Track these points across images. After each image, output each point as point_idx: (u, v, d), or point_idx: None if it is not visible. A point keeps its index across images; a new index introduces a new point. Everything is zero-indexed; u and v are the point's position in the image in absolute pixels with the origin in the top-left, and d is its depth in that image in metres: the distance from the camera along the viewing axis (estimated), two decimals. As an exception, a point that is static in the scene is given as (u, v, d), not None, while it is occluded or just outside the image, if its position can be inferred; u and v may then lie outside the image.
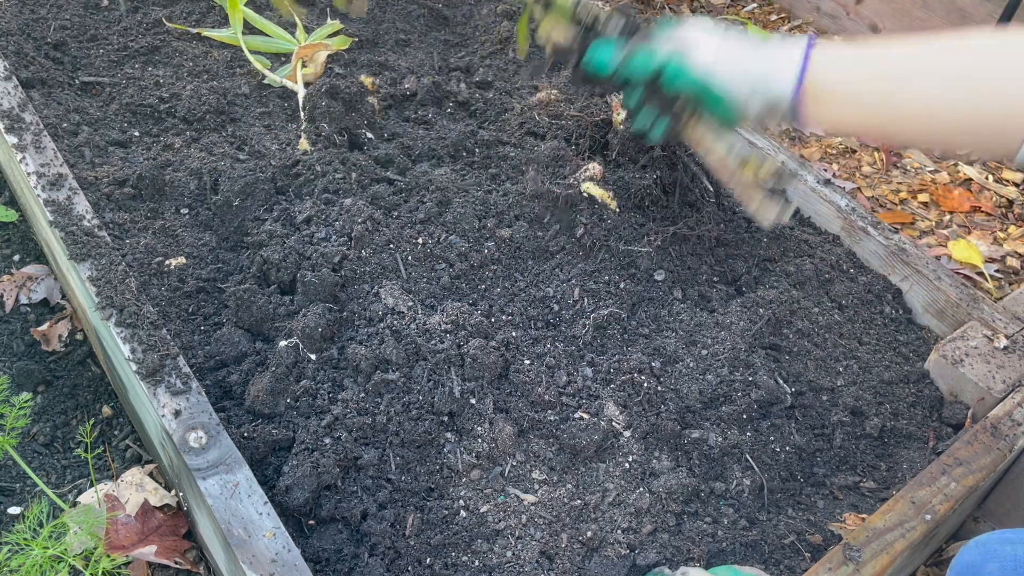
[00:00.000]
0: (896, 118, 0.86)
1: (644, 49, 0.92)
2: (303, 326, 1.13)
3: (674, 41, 0.92)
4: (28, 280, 1.40)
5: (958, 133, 0.83)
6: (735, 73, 0.89)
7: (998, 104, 0.80)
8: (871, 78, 0.85)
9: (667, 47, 0.92)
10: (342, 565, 0.97)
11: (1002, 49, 0.80)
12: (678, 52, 0.91)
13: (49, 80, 1.45)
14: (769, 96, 0.87)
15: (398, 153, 1.44)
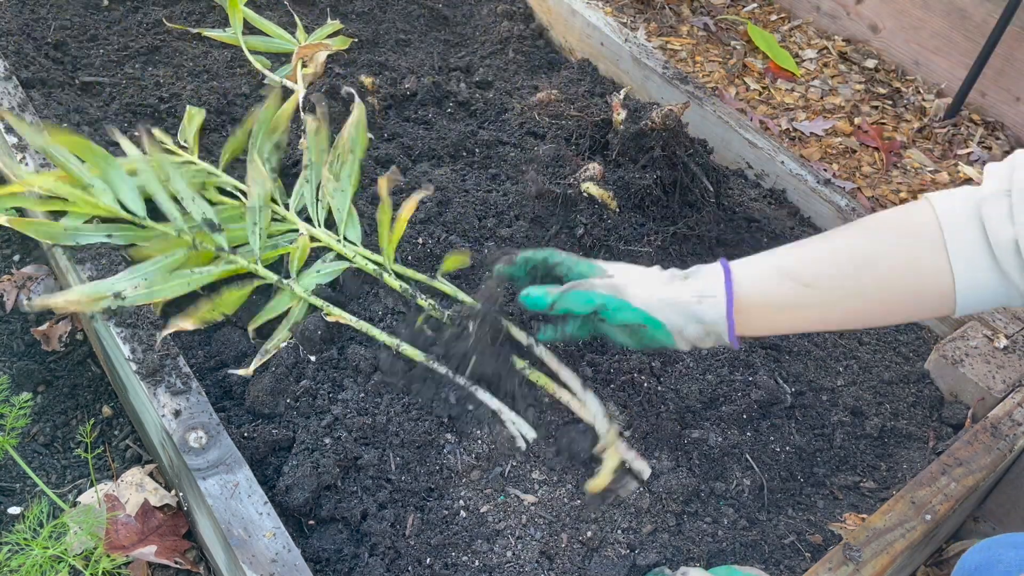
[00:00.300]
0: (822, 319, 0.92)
1: (580, 291, 0.98)
2: (302, 328, 1.13)
3: (607, 285, 0.97)
4: (28, 280, 1.40)
5: (890, 314, 0.88)
6: (669, 309, 0.94)
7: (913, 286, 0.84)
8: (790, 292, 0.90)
9: (602, 287, 0.97)
10: (342, 565, 0.97)
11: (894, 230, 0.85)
12: (615, 292, 0.96)
13: (49, 80, 1.45)
14: (704, 324, 0.92)
15: (398, 153, 1.44)
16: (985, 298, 0.82)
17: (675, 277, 0.96)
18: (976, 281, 0.81)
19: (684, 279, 0.95)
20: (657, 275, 0.97)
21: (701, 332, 0.93)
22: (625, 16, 2.47)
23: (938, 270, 0.82)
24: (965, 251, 0.80)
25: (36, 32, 1.56)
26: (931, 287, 0.83)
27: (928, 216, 0.83)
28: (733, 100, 2.20)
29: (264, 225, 1.19)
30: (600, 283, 0.98)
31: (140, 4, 1.72)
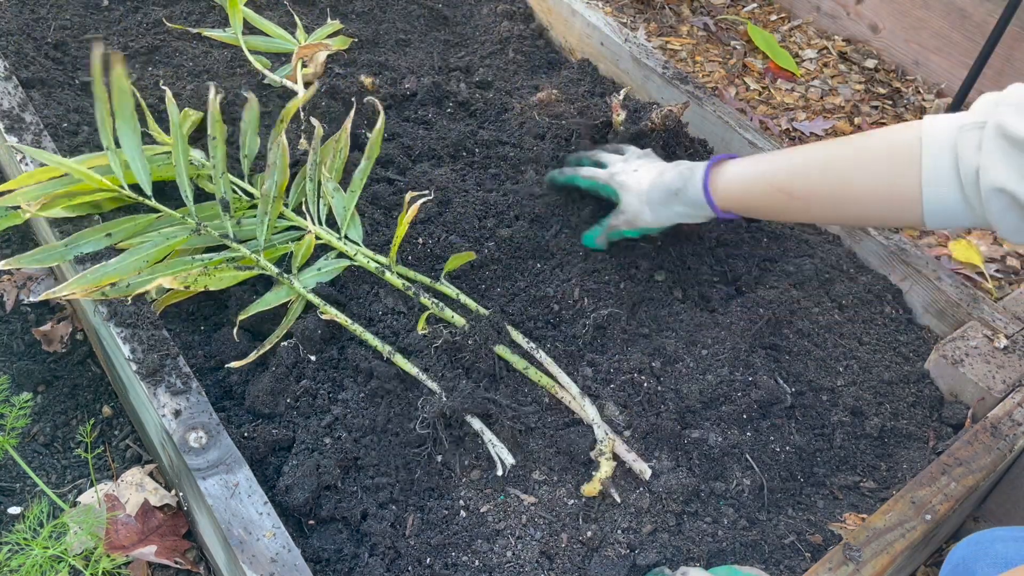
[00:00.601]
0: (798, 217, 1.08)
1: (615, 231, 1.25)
2: (302, 327, 1.13)
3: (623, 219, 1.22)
4: (28, 280, 1.40)
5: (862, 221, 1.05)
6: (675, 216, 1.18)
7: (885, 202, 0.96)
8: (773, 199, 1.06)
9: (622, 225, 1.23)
10: (342, 565, 0.97)
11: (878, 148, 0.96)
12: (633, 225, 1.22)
13: (49, 80, 1.45)
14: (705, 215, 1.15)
15: (398, 153, 1.44)
16: (950, 218, 0.92)
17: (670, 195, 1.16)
18: (942, 202, 0.91)
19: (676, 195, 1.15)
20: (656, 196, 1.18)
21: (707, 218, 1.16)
22: (625, 16, 2.47)
23: (910, 188, 0.92)
24: (936, 174, 0.90)
25: (36, 32, 1.56)
26: (902, 203, 0.94)
27: (913, 137, 0.92)
28: (733, 100, 2.20)
29: (273, 216, 1.19)
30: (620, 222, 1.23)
31: (140, 4, 1.72)
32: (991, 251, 1.83)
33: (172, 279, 1.08)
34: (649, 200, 1.18)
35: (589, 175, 1.27)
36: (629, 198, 1.21)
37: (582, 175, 1.28)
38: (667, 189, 1.16)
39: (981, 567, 0.86)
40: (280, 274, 1.17)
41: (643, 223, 1.21)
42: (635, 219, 1.21)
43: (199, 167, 1.27)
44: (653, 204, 1.18)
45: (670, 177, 1.16)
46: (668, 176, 1.17)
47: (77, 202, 1.18)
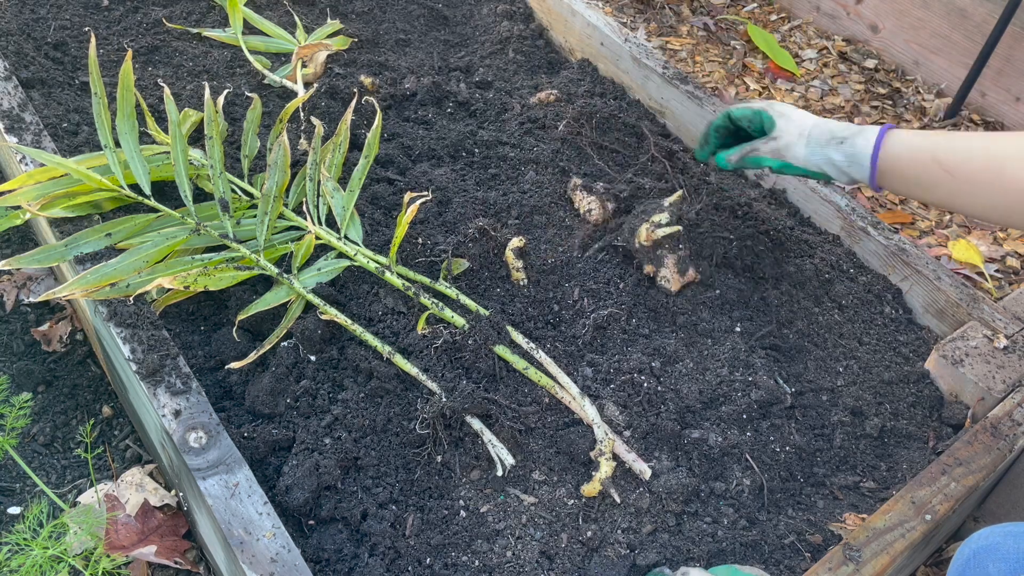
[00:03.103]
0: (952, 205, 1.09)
1: (751, 157, 1.24)
2: (302, 328, 1.13)
3: (771, 148, 1.21)
4: (28, 280, 1.40)
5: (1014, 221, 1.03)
6: (824, 165, 1.17)
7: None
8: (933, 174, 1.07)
9: (767, 151, 1.22)
10: (342, 565, 0.97)
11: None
12: (779, 155, 1.21)
13: (49, 80, 1.45)
14: (853, 179, 1.16)
15: (398, 153, 1.44)
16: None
17: (832, 139, 1.15)
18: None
19: (840, 143, 1.14)
20: (817, 134, 1.17)
21: (850, 181, 1.17)
22: (625, 16, 2.47)
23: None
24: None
25: (36, 32, 1.56)
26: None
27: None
28: (733, 100, 2.20)
29: (273, 216, 1.19)
30: (765, 148, 1.22)
31: (140, 4, 1.72)
32: (991, 251, 1.83)
33: (172, 279, 1.08)
34: (809, 135, 1.17)
35: (742, 105, 1.25)
36: (788, 126, 1.19)
37: (736, 106, 1.27)
38: (832, 133, 1.15)
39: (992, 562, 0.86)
40: (280, 274, 1.17)
41: (791, 156, 1.19)
42: (786, 149, 1.19)
43: (198, 167, 1.27)
44: (812, 141, 1.17)
45: (836, 124, 1.16)
46: (834, 123, 1.17)
47: (77, 202, 1.18)
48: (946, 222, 1.92)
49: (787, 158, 1.19)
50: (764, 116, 1.22)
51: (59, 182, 1.17)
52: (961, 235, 1.87)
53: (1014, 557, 0.85)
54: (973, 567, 0.87)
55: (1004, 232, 1.90)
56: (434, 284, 1.20)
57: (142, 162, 1.20)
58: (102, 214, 1.20)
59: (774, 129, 1.21)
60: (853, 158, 1.13)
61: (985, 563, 0.86)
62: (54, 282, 1.40)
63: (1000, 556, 0.86)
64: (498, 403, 1.08)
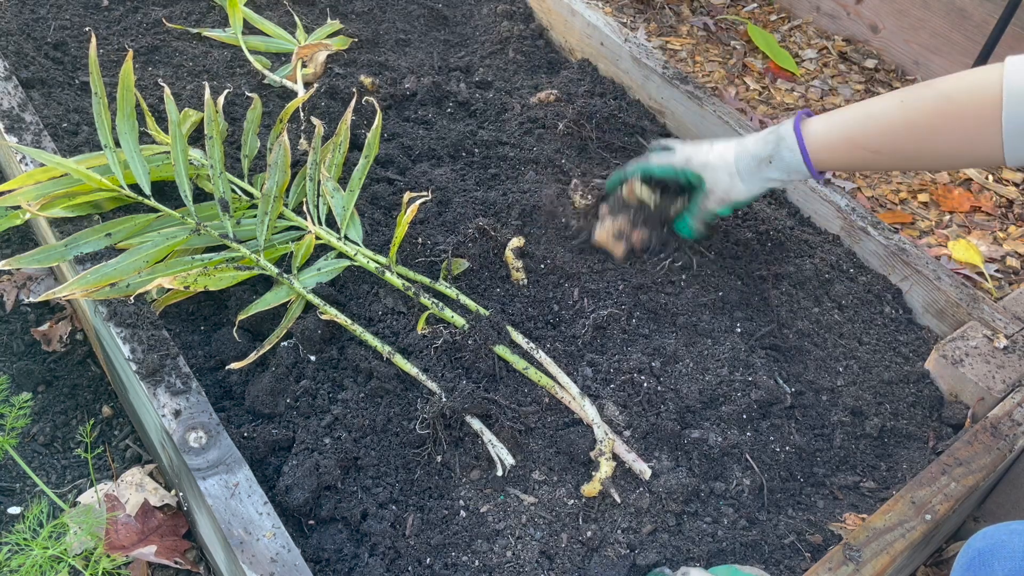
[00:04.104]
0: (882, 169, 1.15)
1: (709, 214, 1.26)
2: (302, 327, 1.13)
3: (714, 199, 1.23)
4: (28, 280, 1.40)
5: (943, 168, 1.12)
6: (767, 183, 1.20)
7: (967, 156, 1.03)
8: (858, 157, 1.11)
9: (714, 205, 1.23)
10: (342, 565, 0.97)
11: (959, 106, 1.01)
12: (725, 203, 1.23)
13: (49, 80, 1.45)
14: (796, 180, 1.20)
15: (398, 153, 1.44)
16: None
17: (761, 162, 1.17)
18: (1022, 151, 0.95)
19: (769, 163, 1.16)
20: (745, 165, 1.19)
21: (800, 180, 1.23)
22: (625, 16, 2.47)
23: (991, 144, 0.96)
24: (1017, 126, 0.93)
25: (36, 32, 1.56)
26: (983, 156, 0.99)
27: (994, 87, 0.95)
28: (733, 100, 2.20)
29: (273, 216, 1.19)
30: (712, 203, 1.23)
31: (140, 4, 1.72)
32: (991, 251, 1.83)
33: (172, 279, 1.08)
34: (738, 171, 1.18)
35: (662, 162, 1.26)
36: (715, 175, 1.20)
37: (654, 162, 1.27)
38: (756, 157, 1.17)
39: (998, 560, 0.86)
40: (280, 274, 1.17)
41: (735, 197, 1.21)
42: (727, 195, 1.21)
43: (198, 167, 1.27)
44: (744, 175, 1.18)
45: (753, 145, 1.17)
46: (751, 145, 1.18)
47: (77, 202, 1.18)
48: (946, 222, 1.92)
49: (734, 199, 1.22)
50: (689, 175, 1.24)
51: (59, 182, 1.17)
52: (961, 235, 1.87)
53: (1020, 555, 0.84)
54: (978, 565, 0.87)
55: (1004, 232, 1.90)
56: (434, 284, 1.20)
57: (142, 162, 1.20)
58: (102, 214, 1.20)
59: (703, 184, 1.22)
60: (789, 170, 1.15)
61: (991, 561, 0.86)
62: (54, 282, 1.40)
63: (1006, 554, 0.85)
64: (498, 403, 1.08)
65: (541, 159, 1.43)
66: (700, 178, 1.22)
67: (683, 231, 1.28)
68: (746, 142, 1.19)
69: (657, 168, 1.26)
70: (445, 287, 1.19)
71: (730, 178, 1.20)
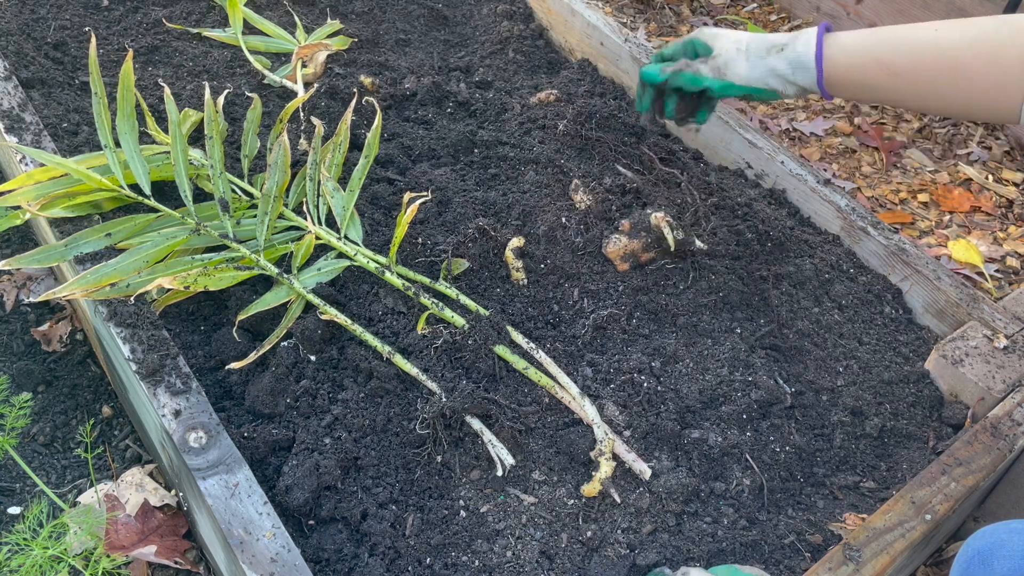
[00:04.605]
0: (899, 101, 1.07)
1: (688, 72, 1.17)
2: (302, 327, 1.13)
3: (711, 67, 1.16)
4: (28, 280, 1.40)
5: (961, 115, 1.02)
6: (768, 75, 1.13)
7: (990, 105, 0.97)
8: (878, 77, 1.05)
9: (706, 71, 1.16)
10: (342, 565, 0.97)
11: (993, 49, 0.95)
12: (719, 73, 1.15)
13: (49, 80, 1.45)
14: (799, 86, 1.12)
15: (398, 153, 1.44)
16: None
17: (772, 49, 1.11)
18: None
19: (780, 51, 1.10)
20: (756, 47, 1.13)
21: (798, 91, 1.13)
22: (625, 16, 2.47)
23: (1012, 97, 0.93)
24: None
25: (36, 32, 1.56)
26: (1003, 108, 0.95)
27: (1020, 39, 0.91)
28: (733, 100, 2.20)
29: (273, 216, 1.19)
30: (705, 67, 1.16)
31: (140, 4, 1.72)
32: (991, 251, 1.83)
33: (172, 279, 1.08)
34: (748, 49, 1.13)
35: (671, 43, 1.21)
36: (725, 44, 1.15)
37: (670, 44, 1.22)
38: (771, 43, 1.12)
39: (998, 559, 0.86)
40: (280, 274, 1.17)
41: (732, 73, 1.14)
42: (725, 66, 1.14)
43: (198, 167, 1.27)
44: (752, 54, 1.13)
45: (773, 36, 1.13)
46: (770, 36, 1.13)
47: (77, 202, 1.18)
48: (946, 222, 1.92)
49: (728, 76, 1.15)
50: (697, 44, 1.19)
51: (59, 182, 1.17)
52: (961, 235, 1.87)
53: (1019, 554, 0.85)
54: (978, 564, 0.87)
55: (1004, 232, 1.90)
56: (434, 284, 1.20)
57: (142, 162, 1.20)
58: (102, 214, 1.20)
59: (712, 51, 1.17)
60: (797, 63, 1.09)
61: (991, 560, 0.86)
62: (54, 282, 1.40)
63: (1006, 553, 0.85)
64: (498, 403, 1.08)
65: (541, 159, 1.43)
66: (708, 46, 1.17)
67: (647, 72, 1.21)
68: (767, 34, 1.15)
69: (666, 49, 1.23)
70: (445, 287, 1.19)
71: (736, 51, 1.14)
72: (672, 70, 1.18)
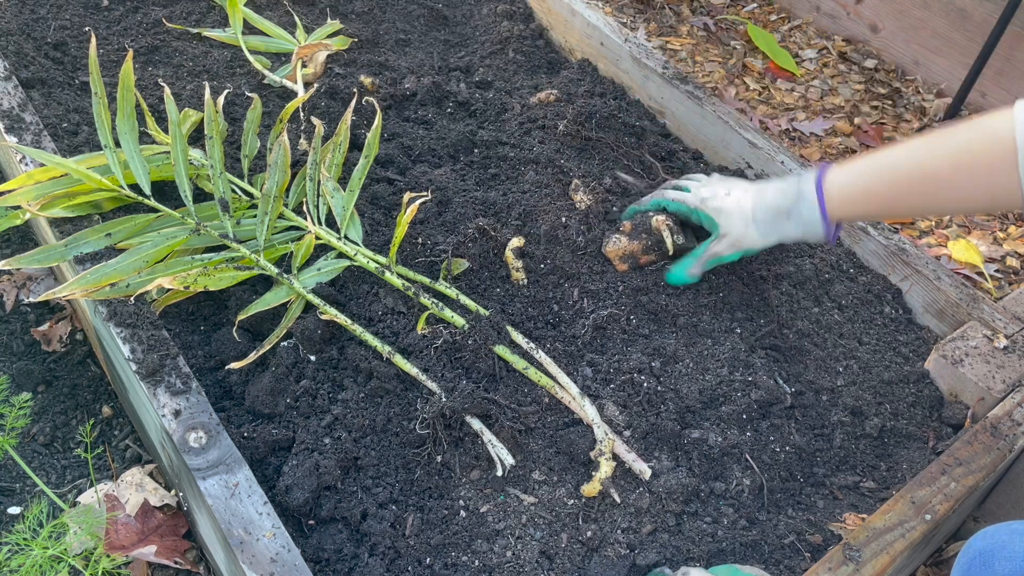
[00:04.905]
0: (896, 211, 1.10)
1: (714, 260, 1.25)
2: (302, 327, 1.13)
3: (726, 243, 1.21)
4: (28, 280, 1.40)
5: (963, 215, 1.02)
6: (780, 238, 1.18)
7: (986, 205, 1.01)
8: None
9: (724, 249, 1.22)
10: (342, 565, 0.97)
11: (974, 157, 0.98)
12: (738, 247, 1.21)
13: (49, 80, 1.45)
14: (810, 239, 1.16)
15: (398, 153, 1.44)
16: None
17: (779, 215, 1.15)
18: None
19: (787, 217, 1.14)
20: (762, 216, 1.17)
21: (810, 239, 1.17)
22: (625, 16, 2.47)
23: (1010, 192, 0.94)
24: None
25: (36, 32, 1.56)
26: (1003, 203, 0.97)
27: (1007, 138, 0.93)
28: (733, 100, 2.20)
29: (273, 216, 1.19)
30: (722, 248, 1.21)
31: (140, 4, 1.72)
32: (991, 251, 1.83)
33: (172, 279, 1.08)
34: (755, 221, 1.17)
35: (677, 198, 1.25)
36: (732, 221, 1.19)
37: (669, 197, 1.26)
38: (775, 209, 1.15)
39: (999, 560, 0.86)
40: (280, 274, 1.17)
41: (748, 244, 1.19)
42: (739, 241, 1.19)
43: (198, 167, 1.27)
44: (760, 225, 1.17)
45: (772, 196, 1.16)
46: (770, 195, 1.16)
47: (77, 202, 1.18)
48: (946, 222, 1.92)
49: (745, 247, 1.20)
50: (702, 216, 1.23)
51: (59, 182, 1.17)
52: (961, 235, 1.87)
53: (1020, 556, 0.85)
54: (979, 565, 0.87)
55: (1004, 232, 1.90)
56: (434, 284, 1.20)
57: (142, 162, 1.20)
58: (102, 214, 1.20)
59: (717, 229, 1.21)
60: (807, 227, 1.13)
61: (991, 561, 0.86)
62: (54, 282, 1.40)
63: (1007, 555, 0.85)
64: (498, 403, 1.08)
65: (541, 159, 1.43)
66: (713, 222, 1.21)
67: (676, 277, 1.26)
68: (765, 192, 1.17)
69: (672, 204, 1.26)
70: (445, 287, 1.19)
71: (745, 226, 1.18)
72: (699, 270, 1.25)
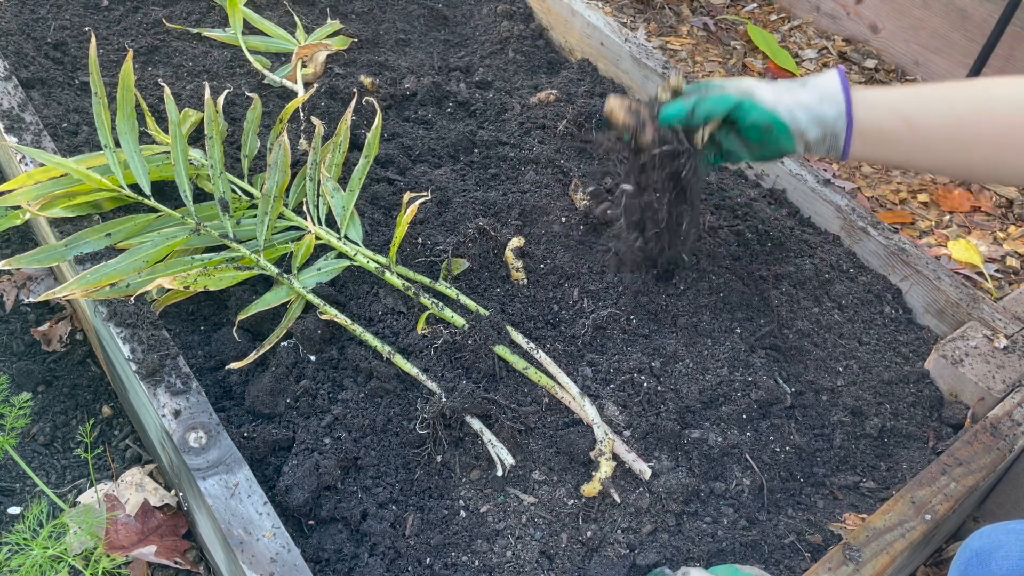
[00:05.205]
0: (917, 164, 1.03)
1: (716, 93, 1.08)
2: (302, 327, 1.13)
3: (736, 87, 1.08)
4: (28, 280, 1.40)
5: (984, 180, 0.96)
6: (794, 106, 1.05)
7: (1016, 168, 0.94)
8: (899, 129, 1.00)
9: (734, 91, 1.08)
10: (342, 565, 0.97)
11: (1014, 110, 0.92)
12: (747, 93, 1.08)
13: (49, 80, 1.45)
14: (824, 124, 1.04)
15: (398, 153, 1.44)
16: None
17: (794, 85, 1.07)
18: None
19: (803, 85, 1.06)
20: (780, 83, 1.08)
21: (820, 134, 1.04)
22: (625, 16, 2.47)
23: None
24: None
25: (36, 32, 1.56)
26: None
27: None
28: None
29: (273, 216, 1.19)
30: (732, 87, 1.08)
31: (140, 4, 1.72)
32: (991, 251, 1.83)
33: (172, 279, 1.08)
34: (770, 84, 1.08)
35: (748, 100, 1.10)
36: (748, 81, 1.09)
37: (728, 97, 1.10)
38: (791, 82, 1.07)
39: (996, 559, 0.86)
40: (280, 274, 1.17)
41: (759, 97, 1.06)
42: (751, 89, 1.07)
43: (198, 167, 1.27)
44: (775, 87, 1.07)
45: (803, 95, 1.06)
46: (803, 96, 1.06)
47: (77, 202, 1.18)
48: (946, 222, 1.92)
49: (755, 97, 1.07)
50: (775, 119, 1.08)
51: (59, 182, 1.17)
52: (961, 235, 1.87)
53: (1018, 555, 0.85)
54: (976, 565, 0.87)
55: (1004, 232, 1.90)
56: (434, 284, 1.20)
57: (142, 162, 1.20)
58: (102, 214, 1.20)
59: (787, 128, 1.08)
60: (824, 93, 1.04)
61: (989, 561, 0.86)
62: (54, 282, 1.40)
63: (1004, 554, 0.86)
64: (498, 403, 1.08)
65: (541, 159, 1.43)
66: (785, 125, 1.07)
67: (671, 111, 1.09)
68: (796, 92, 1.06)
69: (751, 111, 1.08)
70: (445, 287, 1.19)
71: (756, 82, 1.08)
72: (699, 96, 1.09)
